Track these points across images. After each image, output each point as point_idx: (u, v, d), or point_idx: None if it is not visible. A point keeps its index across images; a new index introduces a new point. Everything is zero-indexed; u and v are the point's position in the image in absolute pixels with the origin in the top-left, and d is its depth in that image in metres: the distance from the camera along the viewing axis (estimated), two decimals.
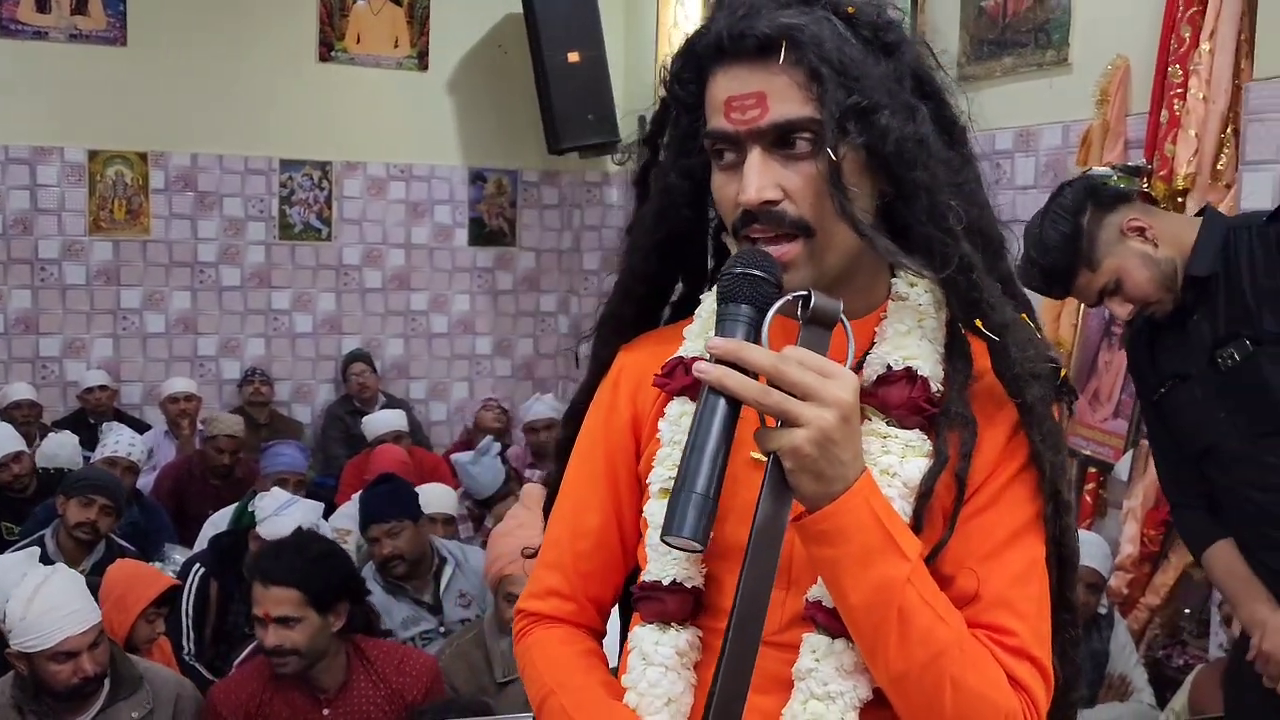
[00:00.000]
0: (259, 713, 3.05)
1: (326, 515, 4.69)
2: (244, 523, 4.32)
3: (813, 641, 1.22)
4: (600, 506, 1.37)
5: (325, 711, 3.04)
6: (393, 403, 7.10)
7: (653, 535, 1.27)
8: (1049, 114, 4.48)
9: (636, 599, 1.31)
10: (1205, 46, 3.70)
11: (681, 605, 1.28)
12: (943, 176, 1.22)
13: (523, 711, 2.75)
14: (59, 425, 6.35)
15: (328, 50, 7.31)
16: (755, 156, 1.21)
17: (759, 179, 1.20)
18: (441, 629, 3.97)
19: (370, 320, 7.57)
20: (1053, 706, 1.25)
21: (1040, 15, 4.50)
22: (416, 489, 4.36)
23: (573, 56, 6.90)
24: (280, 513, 4.00)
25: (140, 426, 6.55)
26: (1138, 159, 3.98)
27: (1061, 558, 1.25)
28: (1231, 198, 3.50)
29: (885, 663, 1.16)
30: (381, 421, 6.13)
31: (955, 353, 1.26)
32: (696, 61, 1.27)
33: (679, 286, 1.46)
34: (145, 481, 5.75)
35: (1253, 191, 3.25)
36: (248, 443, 6.08)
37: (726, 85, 1.22)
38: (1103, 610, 3.57)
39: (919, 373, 1.23)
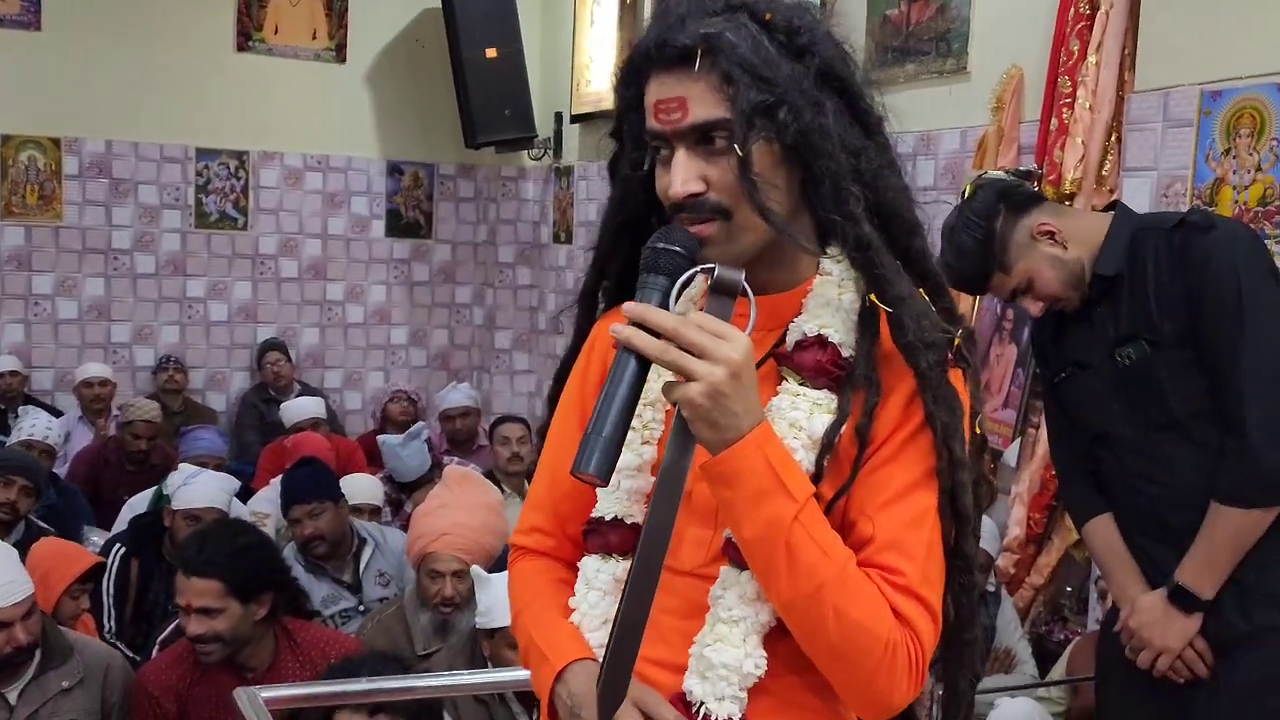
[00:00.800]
0: (188, 694, 3.09)
1: (244, 499, 4.77)
2: (162, 505, 4.36)
3: (725, 573, 1.37)
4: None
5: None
6: (308, 390, 7.11)
7: None
8: (948, 119, 4.65)
9: (585, 532, 1.47)
10: (1092, 59, 3.87)
11: (622, 539, 1.44)
12: (846, 164, 1.35)
13: None
14: None
15: (246, 40, 7.31)
16: (680, 154, 1.36)
17: (683, 173, 1.35)
18: (360, 607, 4.06)
19: (286, 309, 7.58)
20: (946, 643, 1.39)
21: (941, 25, 4.68)
22: (340, 478, 4.44)
23: (490, 52, 6.97)
24: (190, 482, 4.08)
25: (53, 412, 6.52)
26: (1029, 164, 4.15)
27: (955, 510, 1.35)
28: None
29: (776, 592, 1.31)
30: (300, 408, 6.16)
31: (866, 323, 1.38)
32: (635, 69, 1.41)
33: None
34: (60, 466, 5.75)
35: (1133, 196, 3.43)
36: (164, 429, 6.09)
37: (655, 90, 1.37)
38: (990, 588, 3.75)
39: (830, 340, 1.38)
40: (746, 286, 1.31)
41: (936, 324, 1.35)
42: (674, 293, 1.29)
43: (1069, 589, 3.99)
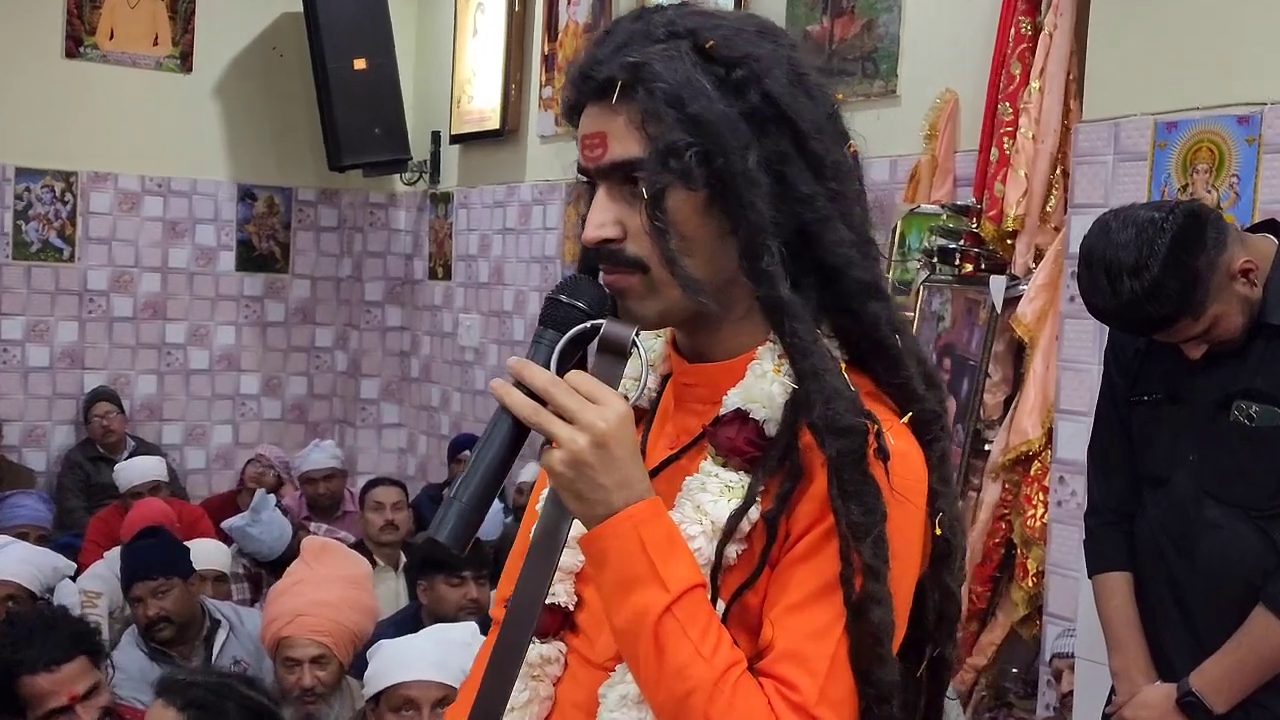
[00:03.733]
0: None
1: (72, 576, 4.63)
2: None
3: (619, 669, 1.36)
4: None
5: None
6: (144, 448, 6.96)
7: None
8: (876, 147, 4.68)
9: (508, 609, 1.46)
10: (1035, 85, 3.93)
11: (550, 622, 1.43)
12: (770, 215, 1.31)
13: None
14: None
15: (76, 45, 7.18)
16: (600, 194, 1.36)
17: (598, 216, 1.35)
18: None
19: (118, 354, 7.42)
20: None
21: (868, 43, 4.75)
22: (186, 544, 4.34)
23: (359, 64, 6.94)
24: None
25: None
26: (966, 197, 4.22)
27: (862, 628, 1.27)
28: (1059, 241, 3.72)
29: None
30: (137, 470, 5.99)
31: (797, 400, 1.32)
32: (571, 100, 1.40)
33: None
34: None
35: (1081, 235, 3.47)
36: None
37: (583, 123, 1.37)
38: None
39: (752, 415, 1.34)
40: (638, 343, 1.32)
41: (854, 407, 1.29)
42: (556, 350, 1.30)
43: (1014, 670, 4.01)
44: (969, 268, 4.12)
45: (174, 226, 7.50)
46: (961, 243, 4.15)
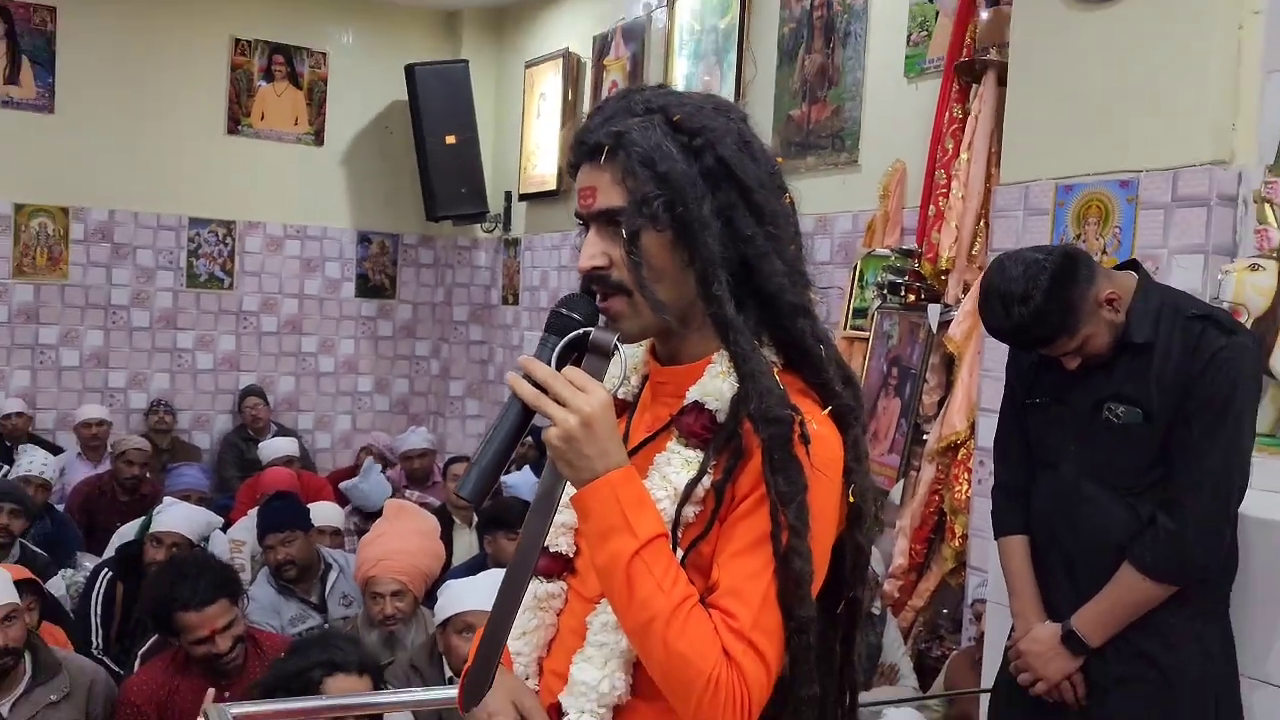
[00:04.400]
0: (168, 700, 2.98)
1: (223, 529, 4.64)
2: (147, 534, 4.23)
3: (603, 602, 1.33)
4: None
5: (226, 694, 3.01)
6: (283, 432, 6.99)
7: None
8: (842, 204, 4.68)
9: None
10: (964, 156, 3.90)
11: (550, 565, 1.42)
12: (719, 251, 1.29)
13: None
14: None
15: (235, 124, 7.21)
16: (591, 234, 1.34)
17: (590, 250, 1.33)
18: (325, 625, 3.94)
19: (265, 359, 7.43)
20: (784, 699, 1.31)
21: (836, 124, 4.73)
22: (308, 506, 4.34)
23: (449, 138, 6.96)
24: (164, 511, 4.02)
25: (53, 449, 6.33)
26: (910, 244, 4.19)
27: (786, 574, 1.25)
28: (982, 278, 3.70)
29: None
30: (275, 447, 6.03)
31: (740, 394, 1.31)
32: (573, 160, 1.38)
33: None
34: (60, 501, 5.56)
35: None
36: (153, 464, 5.92)
37: (580, 178, 1.35)
38: (876, 610, 3.73)
39: (706, 407, 1.32)
40: (619, 347, 1.31)
41: (782, 401, 1.27)
42: (556, 350, 1.29)
43: (945, 611, 3.96)
44: (912, 298, 4.09)
45: (308, 263, 7.52)
46: (906, 278, 4.11)
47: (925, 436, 3.97)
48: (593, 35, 6.51)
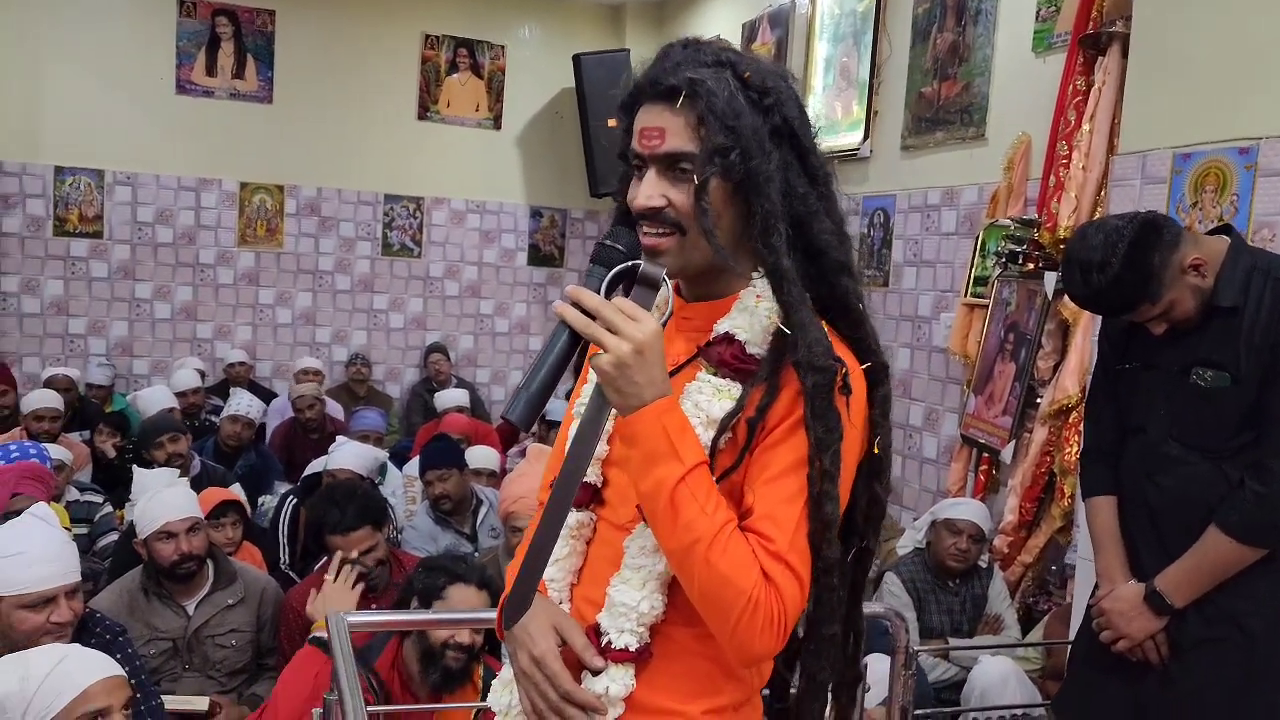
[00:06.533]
0: None
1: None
2: None
3: (639, 527, 1.28)
4: None
5: (373, 605, 3.09)
6: (462, 384, 7.17)
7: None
8: (968, 177, 4.47)
9: (551, 486, 1.36)
10: (1087, 127, 3.67)
11: (581, 495, 1.34)
12: (781, 206, 1.24)
13: None
14: (210, 392, 6.48)
15: (424, 111, 7.39)
16: (651, 173, 1.26)
17: (649, 189, 1.25)
18: (475, 554, 4.01)
19: (448, 320, 7.62)
20: (807, 635, 1.27)
21: (965, 100, 4.49)
22: (467, 450, 4.41)
23: (611, 122, 6.82)
24: (336, 450, 4.14)
25: (269, 395, 6.66)
26: (1032, 214, 3.97)
27: (818, 516, 1.20)
28: None
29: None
30: (449, 397, 6.20)
31: (779, 337, 1.26)
32: (632, 98, 1.31)
33: None
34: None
35: None
36: (318, 409, 5.98)
37: (643, 118, 1.27)
38: (983, 564, 3.57)
39: (736, 337, 1.27)
40: (666, 280, 1.23)
41: (828, 353, 1.21)
42: (605, 279, 1.22)
43: (1054, 567, 3.77)
44: (1031, 266, 3.87)
45: (486, 235, 7.64)
46: (1025, 247, 3.88)
47: (1039, 400, 3.75)
48: (742, 23, 6.38)
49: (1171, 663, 2.18)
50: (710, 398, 1.25)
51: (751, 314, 1.28)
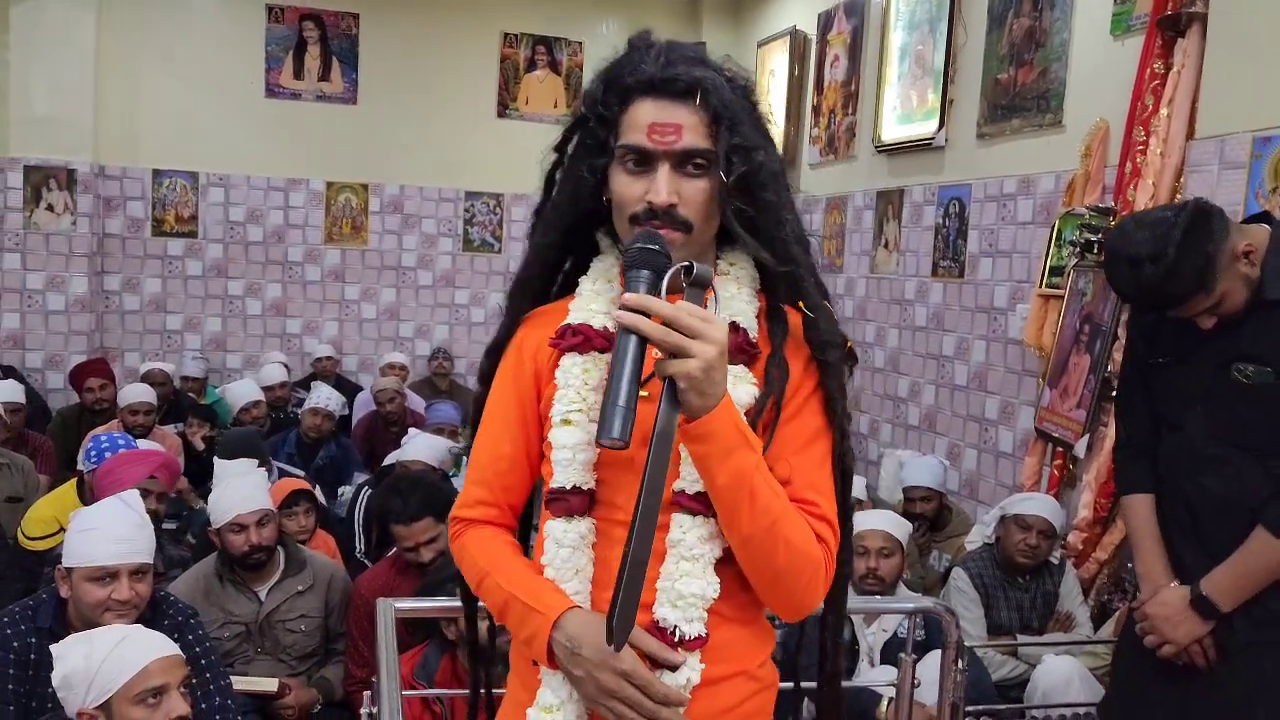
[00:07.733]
0: (388, 595, 3.11)
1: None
2: None
3: (680, 519, 1.28)
4: (513, 438, 1.39)
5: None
6: None
7: (557, 454, 1.32)
8: (1045, 165, 4.36)
9: (547, 501, 1.33)
10: (1164, 111, 3.53)
11: (581, 502, 1.31)
12: (784, 198, 1.32)
13: None
14: (297, 385, 6.67)
15: (504, 109, 7.49)
16: (665, 170, 1.26)
17: (668, 187, 1.26)
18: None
19: None
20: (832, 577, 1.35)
21: (1042, 86, 4.38)
22: None
23: None
24: (409, 442, 4.25)
25: (355, 389, 6.83)
26: (1109, 202, 3.85)
27: (843, 469, 1.34)
28: None
29: (739, 528, 1.23)
30: None
31: (775, 316, 1.34)
32: (624, 91, 1.29)
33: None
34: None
35: None
36: (430, 400, 6.20)
37: (653, 113, 1.26)
38: (1054, 560, 3.48)
39: (741, 325, 1.32)
40: (714, 280, 1.23)
41: (837, 330, 1.34)
42: (664, 285, 1.19)
43: (1130, 565, 3.63)
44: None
45: None
46: (1101, 236, 3.75)
47: (1114, 393, 3.63)
48: (818, 13, 6.31)
49: (1219, 666, 2.10)
50: (732, 385, 1.26)
51: (746, 301, 1.35)
